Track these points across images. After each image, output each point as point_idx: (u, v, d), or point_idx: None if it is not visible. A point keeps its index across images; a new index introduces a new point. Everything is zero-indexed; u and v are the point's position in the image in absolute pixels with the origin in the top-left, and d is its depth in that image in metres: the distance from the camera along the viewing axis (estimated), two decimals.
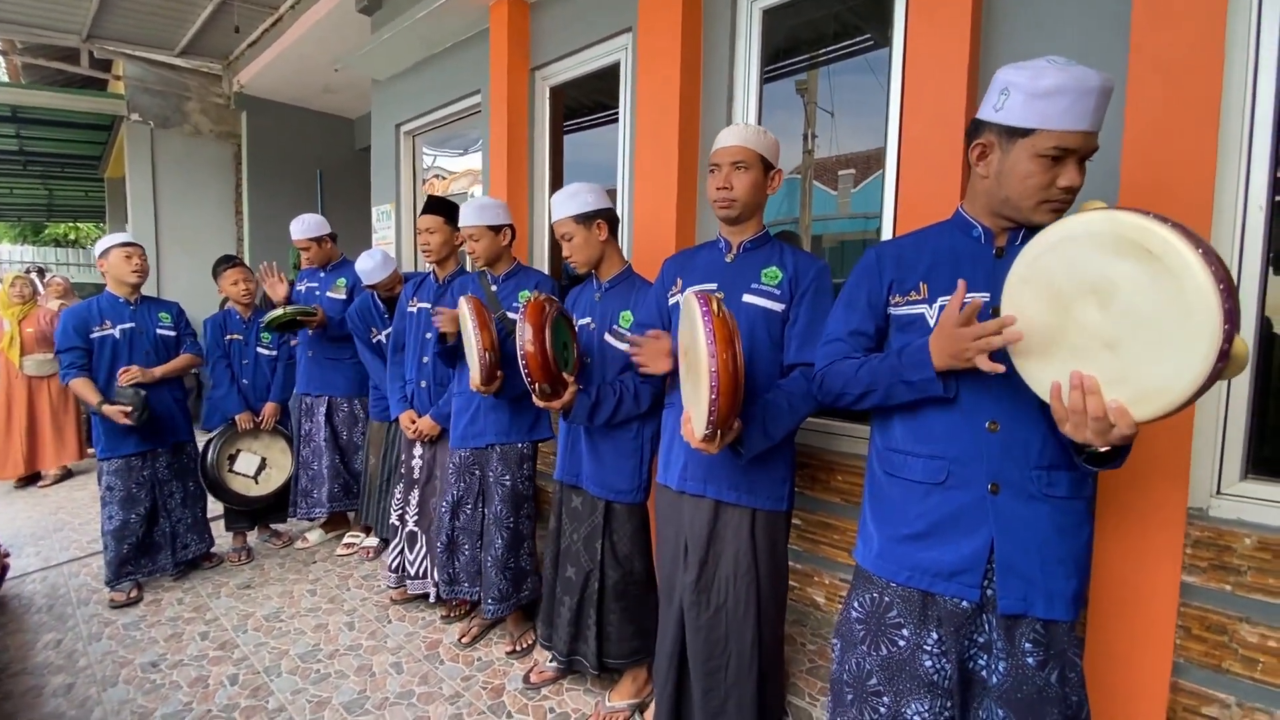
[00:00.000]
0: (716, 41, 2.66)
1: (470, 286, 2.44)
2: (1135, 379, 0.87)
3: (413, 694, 2.13)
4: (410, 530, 2.62)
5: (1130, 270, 0.85)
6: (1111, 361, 0.89)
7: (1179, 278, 0.80)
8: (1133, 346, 0.87)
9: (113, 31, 5.55)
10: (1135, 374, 0.87)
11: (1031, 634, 1.12)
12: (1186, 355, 0.81)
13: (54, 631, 2.55)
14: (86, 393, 2.69)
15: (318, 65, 5.56)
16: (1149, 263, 0.82)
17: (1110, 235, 0.86)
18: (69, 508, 4.14)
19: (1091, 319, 0.90)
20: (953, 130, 1.89)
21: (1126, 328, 0.87)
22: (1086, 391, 0.91)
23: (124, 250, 2.81)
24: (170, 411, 2.92)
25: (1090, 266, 0.89)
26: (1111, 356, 0.89)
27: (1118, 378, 0.89)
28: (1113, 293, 0.87)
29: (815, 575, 2.48)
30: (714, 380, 1.21)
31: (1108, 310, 0.88)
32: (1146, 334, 0.85)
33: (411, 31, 3.82)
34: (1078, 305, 0.91)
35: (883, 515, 1.27)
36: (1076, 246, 0.90)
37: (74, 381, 2.70)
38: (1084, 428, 0.93)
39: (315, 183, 6.97)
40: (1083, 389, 0.91)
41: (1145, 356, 0.85)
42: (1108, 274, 0.87)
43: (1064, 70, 1.00)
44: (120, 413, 2.65)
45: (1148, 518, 1.58)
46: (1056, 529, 1.12)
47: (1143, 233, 0.83)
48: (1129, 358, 0.87)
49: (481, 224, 2.27)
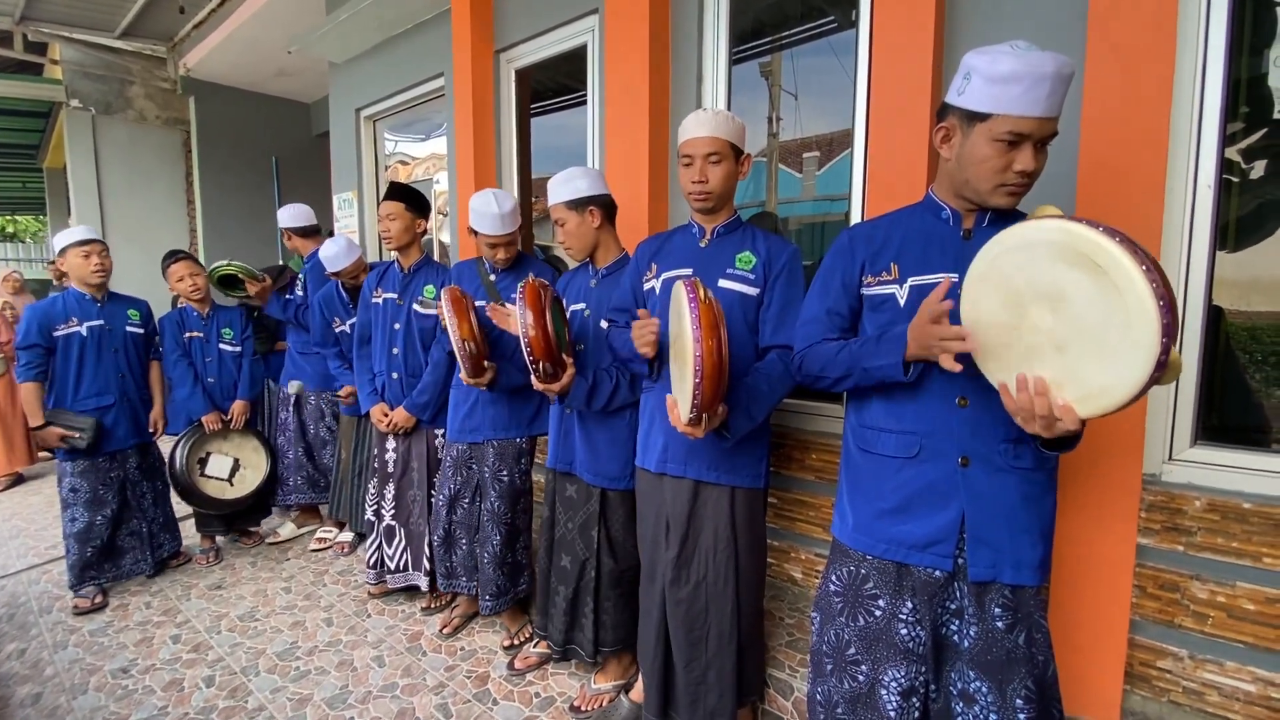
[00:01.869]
0: (684, 23, 2.64)
1: (466, 276, 2.40)
2: (1081, 380, 0.93)
3: (396, 686, 2.13)
4: (388, 524, 2.59)
5: (1079, 280, 0.89)
6: (1060, 362, 0.95)
7: (1123, 292, 0.84)
8: (1080, 350, 0.92)
9: (48, 13, 5.24)
10: (1081, 376, 0.93)
11: (1000, 599, 1.17)
12: (1127, 363, 0.87)
13: (17, 641, 2.47)
14: (33, 404, 2.61)
15: (270, 47, 5.33)
16: (1097, 275, 0.87)
17: (1062, 245, 0.90)
18: (24, 514, 3.98)
19: (1044, 321, 0.95)
20: (919, 112, 1.92)
21: (1074, 333, 0.92)
22: (1035, 393, 0.97)
23: (82, 249, 2.69)
24: (137, 410, 2.87)
25: (1043, 273, 0.94)
26: (1060, 358, 0.95)
27: (1065, 378, 0.94)
28: (1063, 299, 0.92)
29: (792, 551, 2.54)
30: (698, 365, 1.22)
31: (1058, 315, 0.93)
32: (1092, 340, 0.90)
33: (370, 12, 3.69)
34: (1032, 307, 0.96)
35: (858, 490, 1.30)
36: (1031, 252, 0.95)
37: (27, 385, 2.61)
38: (1032, 422, 0.99)
39: (271, 170, 6.74)
40: (1031, 390, 0.97)
41: (1090, 360, 0.91)
42: (1059, 281, 0.92)
43: (1020, 56, 1.02)
44: (58, 436, 2.59)
45: (1106, 485, 1.66)
46: (1023, 499, 1.17)
47: (1092, 246, 0.87)
48: (1076, 360, 0.93)
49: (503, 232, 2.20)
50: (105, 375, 2.75)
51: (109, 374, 2.76)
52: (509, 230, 2.21)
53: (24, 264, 13.37)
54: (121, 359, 2.80)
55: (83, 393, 2.69)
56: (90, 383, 2.71)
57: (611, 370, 1.89)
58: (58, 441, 2.60)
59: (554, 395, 1.80)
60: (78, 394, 2.68)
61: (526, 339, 1.66)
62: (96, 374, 2.73)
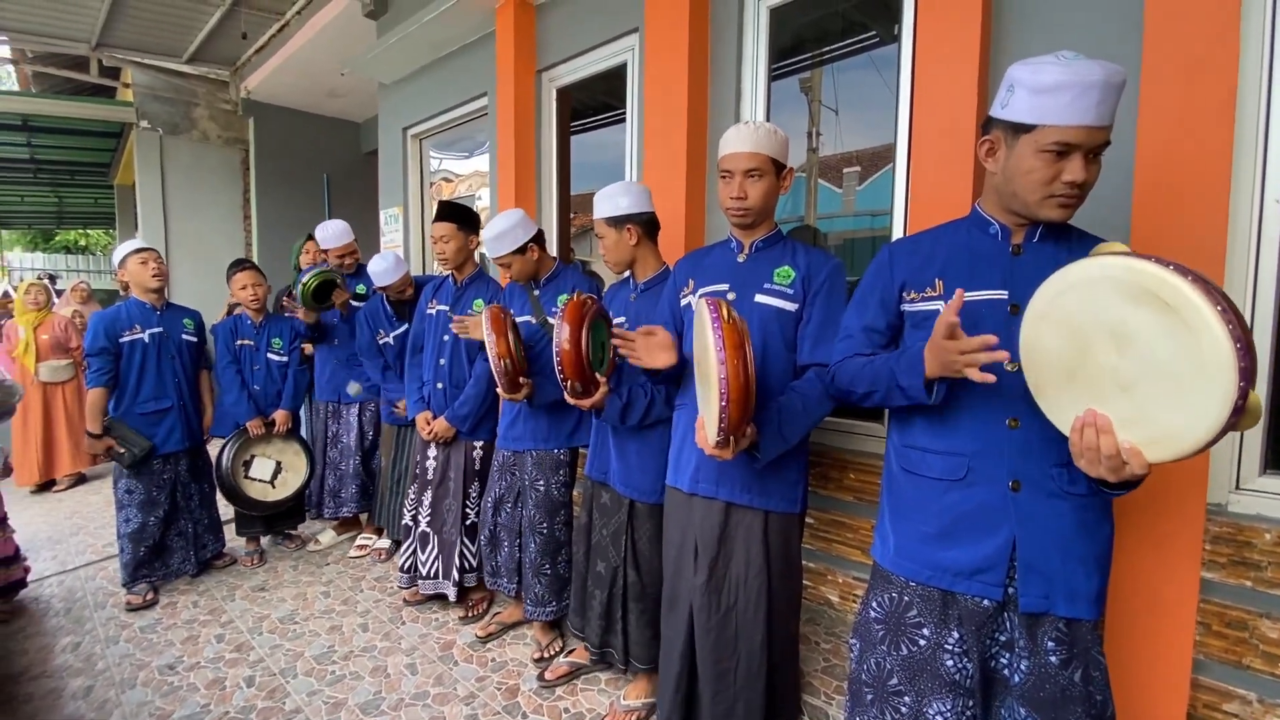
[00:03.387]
0: (724, 41, 2.66)
1: (516, 290, 2.45)
2: (1149, 422, 0.87)
3: (428, 695, 2.14)
4: (423, 531, 2.63)
5: (1147, 319, 0.85)
6: (1126, 403, 0.89)
7: (1196, 333, 0.80)
8: (1148, 391, 0.87)
9: (121, 39, 5.59)
10: (1150, 418, 0.87)
11: (1054, 632, 1.11)
12: (1201, 407, 0.81)
13: (72, 635, 2.57)
14: (96, 410, 2.74)
15: (324, 70, 5.58)
16: (1166, 314, 0.82)
17: (1127, 283, 0.86)
18: (84, 512, 4.17)
19: (1109, 360, 0.90)
20: (964, 127, 1.88)
21: (1142, 373, 0.87)
22: (1099, 431, 0.91)
23: (139, 256, 2.85)
24: (190, 414, 2.98)
25: (1108, 310, 0.89)
26: (1127, 398, 0.89)
27: (1132, 419, 0.89)
28: (1129, 338, 0.87)
29: (829, 574, 2.47)
30: (724, 387, 1.20)
31: (1124, 354, 0.89)
32: (1162, 382, 0.85)
33: (418, 35, 3.83)
34: (1095, 345, 0.92)
35: (901, 513, 1.26)
36: (1094, 289, 0.90)
37: (95, 391, 2.74)
38: (1097, 464, 0.93)
39: (322, 187, 7.01)
40: (1096, 427, 0.92)
41: (1160, 402, 0.86)
42: (1125, 320, 0.87)
43: (1066, 65, 1.00)
44: (106, 448, 2.72)
45: (1167, 514, 1.57)
46: (1078, 526, 1.11)
47: (1159, 283, 0.82)
48: (1144, 401, 0.87)
49: (506, 251, 2.27)
50: (164, 380, 2.88)
51: (167, 379, 2.89)
52: (498, 253, 2.27)
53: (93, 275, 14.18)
54: (177, 365, 2.92)
55: (143, 396, 2.82)
56: (150, 387, 2.84)
57: (647, 386, 1.88)
58: (104, 452, 2.73)
59: (588, 410, 1.81)
60: (138, 398, 2.81)
61: (558, 354, 1.67)
62: (157, 379, 2.86)
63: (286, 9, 5.20)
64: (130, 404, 2.80)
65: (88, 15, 5.09)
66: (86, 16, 5.11)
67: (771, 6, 2.58)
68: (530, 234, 2.30)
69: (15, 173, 8.81)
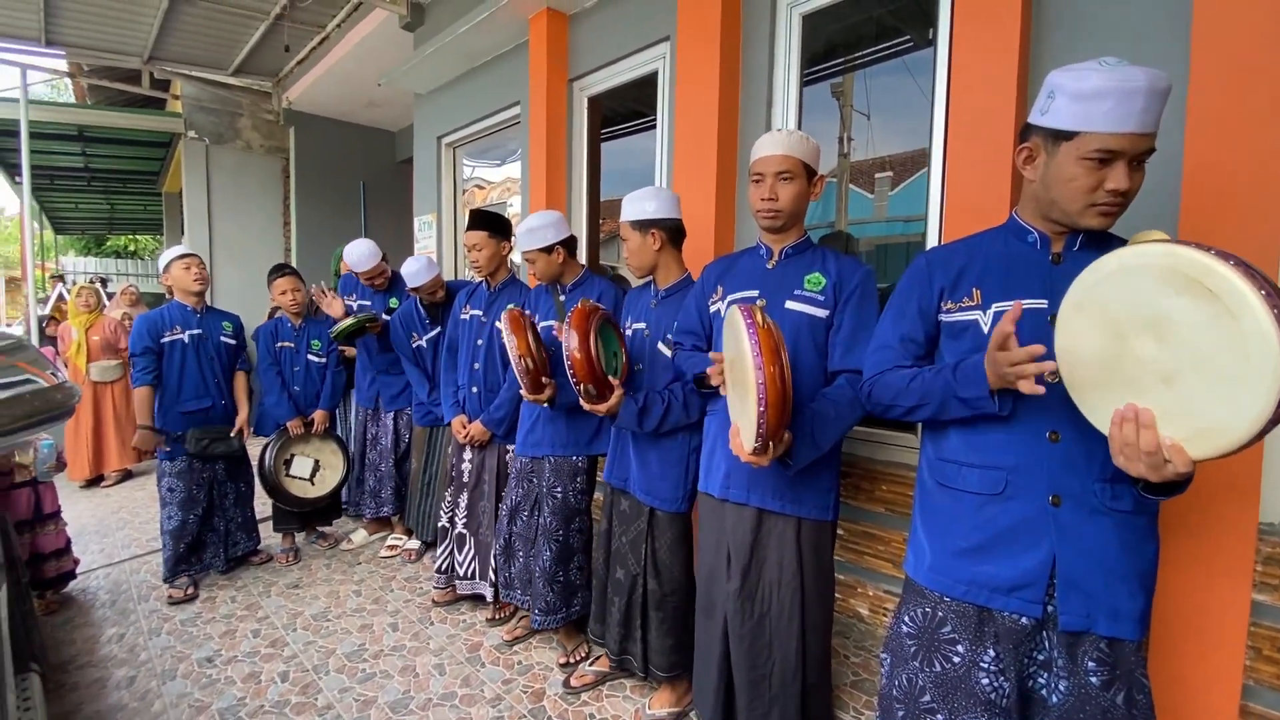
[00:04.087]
0: (755, 48, 2.66)
1: (542, 295, 2.48)
2: (1192, 416, 0.84)
3: (455, 695, 2.16)
4: (459, 532, 2.67)
5: (1188, 307, 0.82)
6: (1168, 396, 0.86)
7: (1238, 319, 0.77)
8: (1190, 383, 0.84)
9: (172, 53, 5.83)
10: (1193, 411, 0.84)
11: (1095, 652, 1.08)
12: (1245, 399, 0.78)
13: (117, 626, 2.67)
14: (145, 407, 2.86)
15: (362, 81, 5.74)
16: (1208, 301, 0.80)
17: (1168, 270, 0.83)
18: (129, 507, 4.33)
19: (1148, 352, 0.87)
20: (1002, 132, 1.84)
21: (1184, 364, 0.84)
22: (1140, 425, 0.88)
23: (183, 261, 2.97)
24: (230, 414, 3.09)
25: (1147, 300, 0.86)
26: (1168, 391, 0.86)
27: (1174, 412, 0.86)
28: (1170, 328, 0.84)
29: (859, 586, 2.43)
30: (762, 393, 1.19)
31: (1165, 344, 0.86)
32: (1205, 372, 0.82)
33: (453, 46, 3.91)
34: (1134, 337, 0.89)
35: (935, 527, 1.24)
36: (1133, 278, 0.88)
37: (140, 390, 2.86)
38: (1137, 461, 0.90)
39: (359, 194, 7.19)
40: (1136, 422, 0.88)
41: (1203, 394, 0.82)
42: (1165, 308, 0.85)
43: (1109, 71, 0.98)
44: (159, 442, 2.85)
45: (1216, 533, 1.51)
46: (1121, 544, 1.08)
47: (1202, 270, 0.80)
48: (1186, 394, 0.84)
49: (534, 247, 2.29)
50: (204, 380, 2.99)
51: (206, 379, 3.00)
52: (529, 247, 2.29)
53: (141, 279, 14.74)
54: (216, 366, 3.03)
55: (184, 395, 2.93)
56: (191, 386, 2.95)
57: (664, 393, 1.88)
58: (153, 446, 2.86)
59: (604, 414, 1.82)
60: (180, 396, 2.92)
61: (569, 359, 1.69)
62: (198, 378, 2.97)
63: (327, 22, 5.36)
64: (173, 403, 2.91)
65: (141, 30, 5.32)
66: (140, 32, 5.34)
67: (804, 13, 2.57)
68: (560, 237, 2.32)
69: (71, 181, 9.25)
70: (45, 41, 5.32)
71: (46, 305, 8.43)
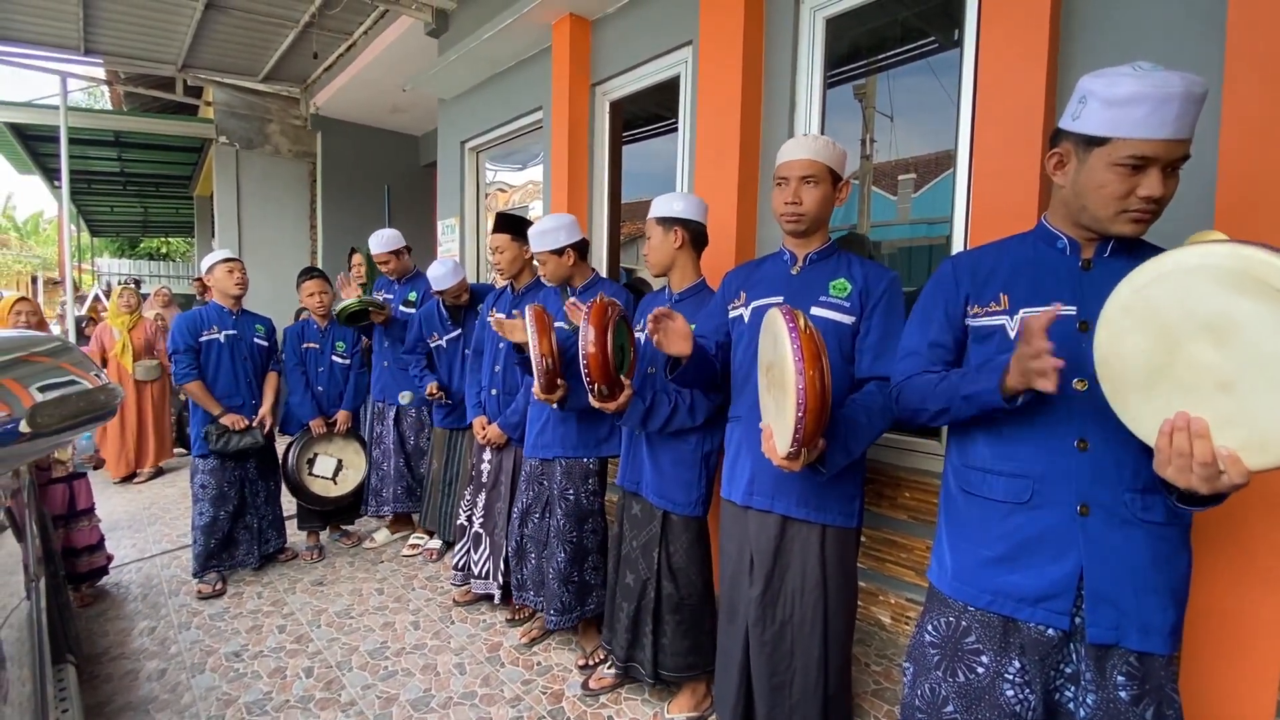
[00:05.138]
0: (778, 51, 2.65)
1: (551, 298, 2.50)
2: (1251, 423, 0.81)
3: (475, 695, 2.18)
4: (476, 531, 2.70)
5: (1254, 309, 0.79)
6: (1225, 403, 0.83)
7: None
8: (1251, 389, 0.81)
9: (204, 61, 5.99)
10: (1252, 418, 0.81)
11: (1125, 666, 1.06)
12: None
13: (148, 619, 2.74)
14: (206, 399, 2.97)
15: (387, 87, 5.84)
16: (1277, 303, 0.77)
17: (1232, 270, 0.81)
18: (160, 503, 4.44)
19: (1205, 356, 0.84)
20: (1030, 134, 1.82)
21: (1245, 368, 0.81)
22: (1194, 435, 0.85)
23: (227, 265, 3.07)
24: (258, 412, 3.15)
25: (1206, 301, 0.83)
26: (1225, 398, 0.83)
27: (1231, 420, 0.83)
28: (1232, 331, 0.82)
29: (881, 594, 2.41)
30: (801, 398, 1.18)
31: (1225, 349, 0.83)
32: (1268, 376, 0.79)
33: (477, 52, 3.96)
34: (1190, 341, 0.85)
35: (960, 535, 1.22)
36: (1191, 279, 0.85)
37: (191, 385, 2.96)
38: (1188, 472, 0.86)
39: (383, 198, 7.30)
40: (1189, 431, 0.85)
41: (1265, 400, 0.80)
42: (1227, 311, 0.82)
43: (1143, 77, 0.96)
44: (240, 422, 2.98)
45: (1250, 542, 1.47)
46: (1152, 556, 1.06)
47: (1272, 270, 0.77)
48: (1245, 400, 0.81)
49: (545, 249, 2.31)
50: (237, 378, 3.08)
51: (239, 378, 3.08)
52: (541, 248, 2.31)
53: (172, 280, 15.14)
54: (249, 366, 3.12)
55: (218, 392, 3.02)
56: (225, 384, 3.04)
57: (672, 394, 1.88)
58: (239, 424, 2.98)
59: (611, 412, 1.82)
60: (214, 393, 3.01)
61: (585, 356, 1.68)
62: (231, 377, 3.06)
63: (355, 29, 5.46)
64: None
65: (175, 39, 5.47)
66: (174, 40, 5.49)
67: (828, 17, 2.56)
68: (572, 239, 2.34)
69: (107, 184, 9.53)
70: (84, 50, 5.50)
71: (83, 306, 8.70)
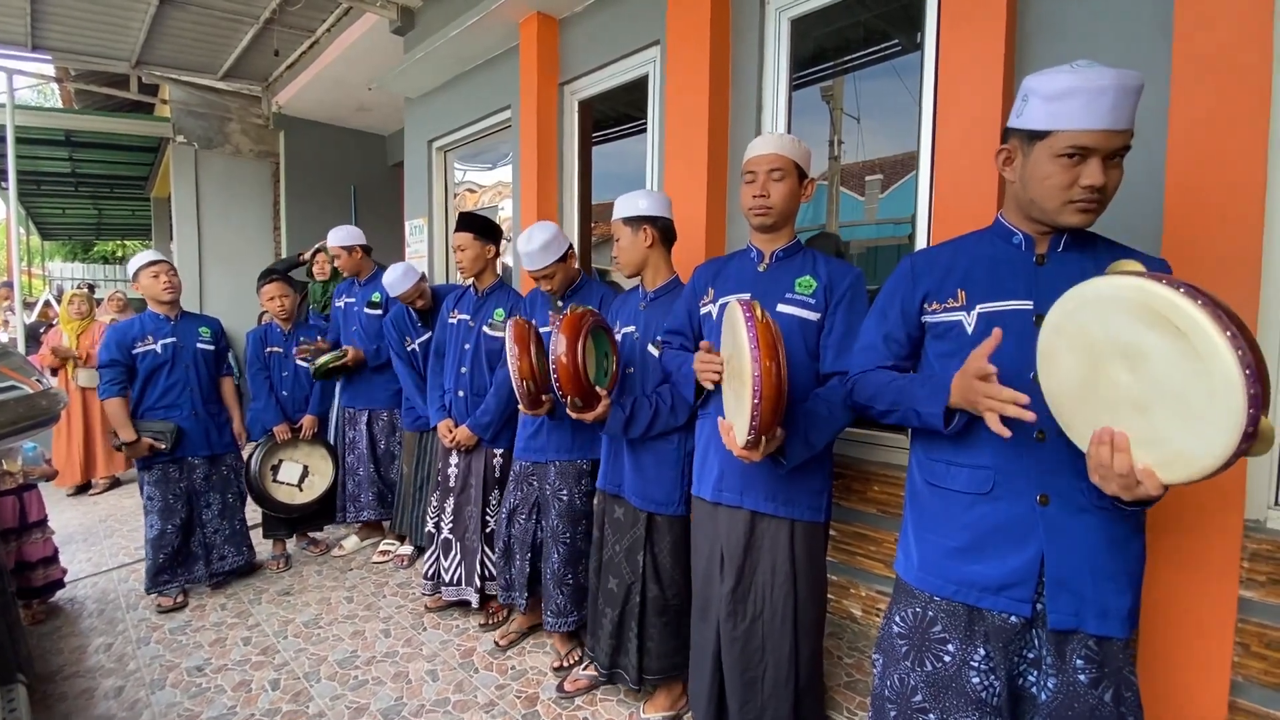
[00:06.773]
0: (745, 52, 2.67)
1: (539, 302, 2.47)
2: (1163, 444, 0.86)
3: (449, 701, 2.15)
4: (445, 538, 2.66)
5: (1158, 342, 0.84)
6: (1141, 423, 0.89)
7: (1205, 360, 0.79)
8: (1161, 413, 0.86)
9: (160, 57, 5.79)
10: (1164, 439, 0.86)
11: (1084, 650, 1.09)
12: (1212, 432, 0.80)
13: (105, 635, 2.64)
14: (120, 417, 2.74)
15: (352, 85, 5.72)
16: (1177, 339, 0.82)
17: (1139, 305, 0.85)
18: (117, 515, 4.29)
19: (1122, 379, 0.90)
20: (988, 137, 1.86)
21: (1155, 395, 0.86)
22: (1115, 448, 0.90)
23: (151, 270, 2.84)
24: (205, 423, 2.96)
25: (1121, 330, 0.88)
26: (1141, 418, 0.89)
27: (1147, 440, 0.88)
28: (1142, 359, 0.87)
29: (852, 587, 2.44)
30: (757, 385, 1.20)
31: (1137, 374, 0.88)
32: (1174, 404, 0.84)
33: (444, 50, 3.91)
34: (1109, 363, 0.91)
35: (925, 527, 1.25)
36: (1107, 308, 0.90)
37: (110, 401, 2.74)
38: (1110, 482, 0.92)
39: (350, 198, 7.15)
40: (1111, 445, 0.91)
41: (1173, 424, 0.85)
42: (1137, 341, 0.87)
43: (1079, 72, 1.02)
44: (148, 446, 2.75)
45: (1202, 530, 1.53)
46: (1108, 542, 1.09)
47: (1170, 307, 0.82)
48: (1158, 423, 0.87)
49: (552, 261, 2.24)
50: (176, 389, 2.87)
51: (179, 388, 2.88)
52: (544, 264, 2.24)
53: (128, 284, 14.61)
54: (191, 374, 2.91)
55: (153, 404, 2.83)
56: (160, 396, 2.84)
57: (653, 397, 1.88)
58: (148, 451, 2.76)
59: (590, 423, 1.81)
60: (148, 405, 2.82)
61: (554, 368, 1.68)
62: (168, 388, 2.85)
63: (317, 26, 5.33)
64: (140, 411, 2.82)
65: (129, 35, 5.28)
66: (128, 36, 5.30)
67: (792, 18, 2.59)
68: (569, 242, 2.32)
69: (58, 186, 9.15)
70: (31, 46, 5.27)
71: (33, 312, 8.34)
